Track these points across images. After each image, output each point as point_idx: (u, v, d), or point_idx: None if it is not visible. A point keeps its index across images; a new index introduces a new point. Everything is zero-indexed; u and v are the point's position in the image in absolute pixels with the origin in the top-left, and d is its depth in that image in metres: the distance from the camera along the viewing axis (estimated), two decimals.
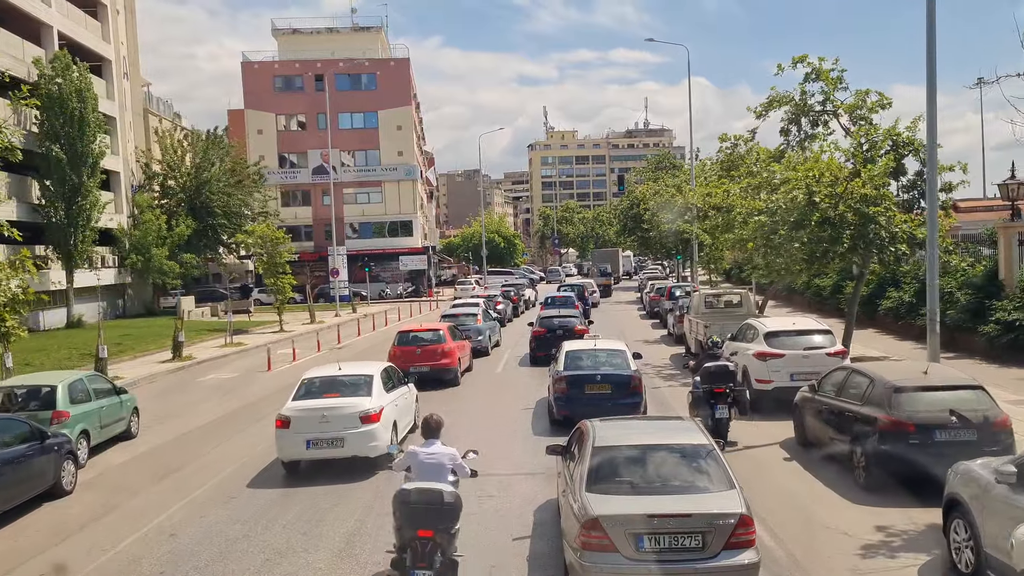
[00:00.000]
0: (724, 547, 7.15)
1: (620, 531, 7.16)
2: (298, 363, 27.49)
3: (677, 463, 8.07)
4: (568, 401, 15.05)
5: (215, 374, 25.64)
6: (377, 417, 12.70)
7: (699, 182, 43.13)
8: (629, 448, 8.22)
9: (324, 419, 12.45)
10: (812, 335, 16.06)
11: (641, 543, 7.16)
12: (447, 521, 7.68)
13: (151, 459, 14.83)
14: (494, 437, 14.61)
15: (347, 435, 12.39)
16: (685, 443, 8.30)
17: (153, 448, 15.72)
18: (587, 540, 7.23)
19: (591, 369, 15.60)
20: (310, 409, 12.62)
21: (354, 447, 12.46)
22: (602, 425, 8.94)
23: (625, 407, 14.25)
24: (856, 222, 19.05)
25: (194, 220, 47.13)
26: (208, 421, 18.00)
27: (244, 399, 20.72)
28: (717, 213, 28.36)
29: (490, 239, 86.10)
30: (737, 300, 23.89)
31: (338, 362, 14.84)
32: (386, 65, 69.76)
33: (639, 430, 9.42)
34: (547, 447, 10.07)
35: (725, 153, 28.83)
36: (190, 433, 16.79)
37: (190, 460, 14.40)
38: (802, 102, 21.69)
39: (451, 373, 20.53)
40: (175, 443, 15.99)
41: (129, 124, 49.98)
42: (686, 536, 7.17)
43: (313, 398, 13.06)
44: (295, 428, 12.48)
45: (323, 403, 12.80)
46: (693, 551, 7.16)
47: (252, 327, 39.83)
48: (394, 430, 13.29)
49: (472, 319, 27.49)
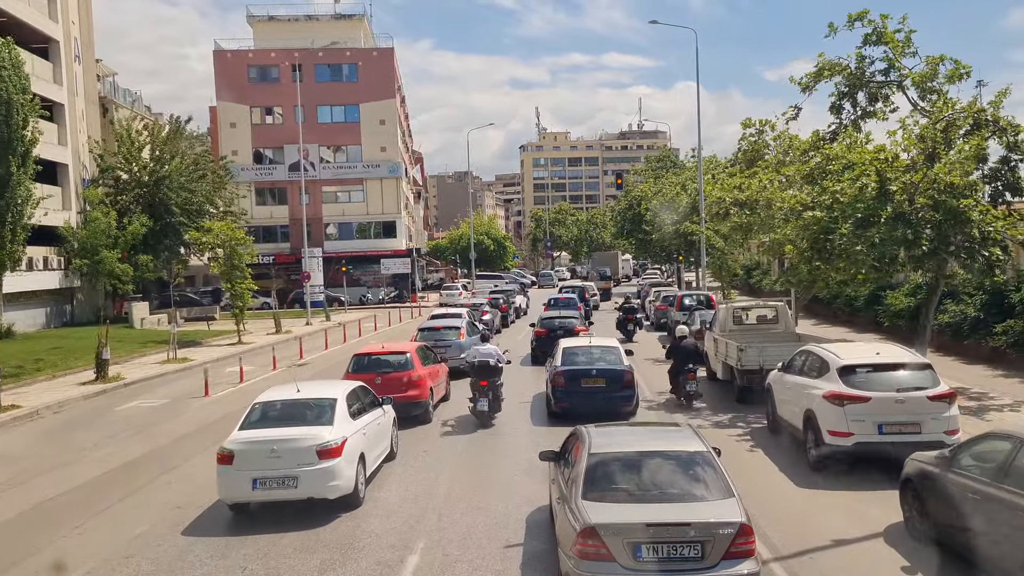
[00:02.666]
0: (724, 557, 6.95)
1: (618, 540, 7.01)
2: (245, 385, 23.20)
3: (674, 470, 7.89)
4: (565, 394, 15.96)
5: (140, 400, 21.19)
6: (338, 451, 10.70)
7: (707, 180, 39.16)
8: (625, 455, 8.09)
9: (274, 453, 10.52)
10: (905, 370, 11.73)
11: (639, 552, 7.00)
12: (494, 376, 16.02)
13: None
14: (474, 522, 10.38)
15: (301, 473, 10.48)
16: (682, 450, 8.12)
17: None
18: (584, 549, 7.07)
19: (586, 364, 16.42)
20: (258, 441, 10.72)
21: (310, 487, 10.51)
22: (597, 431, 8.78)
23: (619, 400, 15.71)
24: (938, 219, 14.85)
25: (150, 218, 42.53)
26: (89, 479, 13.50)
27: (157, 440, 16.32)
28: (740, 210, 24.12)
29: (479, 241, 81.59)
30: (772, 315, 19.62)
31: (296, 382, 12.62)
32: (368, 55, 65.37)
33: (635, 436, 9.23)
34: (540, 453, 9.75)
35: (749, 141, 24.81)
36: (54, 502, 12.24)
37: (15, 559, 10.01)
38: (859, 71, 17.50)
39: (420, 408, 16.22)
40: (20, 523, 11.43)
41: (81, 112, 45.40)
42: (685, 545, 6.99)
43: (264, 427, 11.13)
44: (240, 464, 10.51)
45: (274, 434, 10.86)
46: (692, 561, 6.97)
47: (209, 338, 35.36)
48: (361, 463, 11.32)
49: (453, 333, 23.24)
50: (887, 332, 26.59)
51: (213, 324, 40.51)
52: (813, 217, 15.67)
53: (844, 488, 11.10)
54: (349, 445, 10.98)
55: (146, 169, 43.83)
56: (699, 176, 38.55)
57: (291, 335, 36.81)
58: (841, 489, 11.09)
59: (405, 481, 12.40)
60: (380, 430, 12.88)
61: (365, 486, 11.66)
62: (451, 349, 22.24)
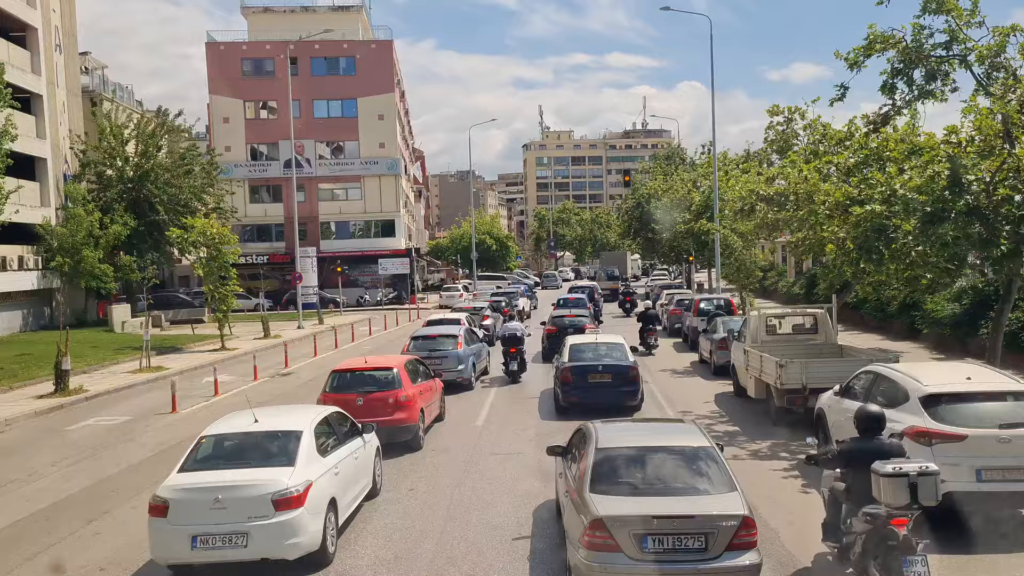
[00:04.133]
0: (727, 548, 7.09)
1: (624, 532, 7.14)
2: (222, 398, 21.01)
3: (679, 465, 7.98)
4: (573, 389, 16.39)
5: (98, 417, 18.91)
6: (299, 500, 8.60)
7: (721, 176, 36.86)
8: (631, 450, 8.21)
9: (219, 503, 8.44)
10: (1008, 401, 9.43)
11: (645, 544, 7.14)
12: (520, 344, 21.15)
13: None
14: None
15: (253, 528, 8.40)
16: (686, 445, 8.23)
17: None
18: (592, 540, 7.19)
19: (593, 360, 16.85)
20: (199, 488, 8.61)
21: (264, 545, 8.44)
22: (604, 427, 8.90)
23: (624, 394, 16.19)
24: (1019, 214, 12.54)
25: (134, 216, 40.23)
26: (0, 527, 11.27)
27: (103, 469, 14.05)
28: (768, 206, 21.81)
29: (481, 241, 79.26)
30: (810, 324, 17.25)
31: (254, 409, 10.33)
32: (367, 47, 63.06)
33: (641, 432, 9.40)
34: (547, 448, 9.95)
35: (777, 130, 22.57)
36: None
37: None
38: (916, 44, 15.18)
39: (408, 433, 13.92)
40: None
41: (62, 104, 43.18)
42: (689, 537, 7.13)
43: (209, 468, 9.05)
44: (177, 516, 8.45)
45: (220, 478, 8.75)
46: (696, 552, 7.11)
47: (192, 343, 33.10)
48: (332, 511, 9.21)
49: (450, 343, 20.90)
50: (927, 341, 24.29)
51: (199, 328, 38.20)
52: (868, 212, 13.31)
53: (935, 549, 8.81)
54: (315, 491, 8.91)
55: (130, 164, 41.52)
56: (714, 172, 36.20)
57: (280, 340, 34.55)
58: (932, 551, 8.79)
59: (386, 531, 10.13)
60: (359, 465, 10.72)
61: (337, 537, 9.46)
62: (447, 361, 19.97)
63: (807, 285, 37.19)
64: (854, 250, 14.57)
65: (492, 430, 15.79)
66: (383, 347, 31.02)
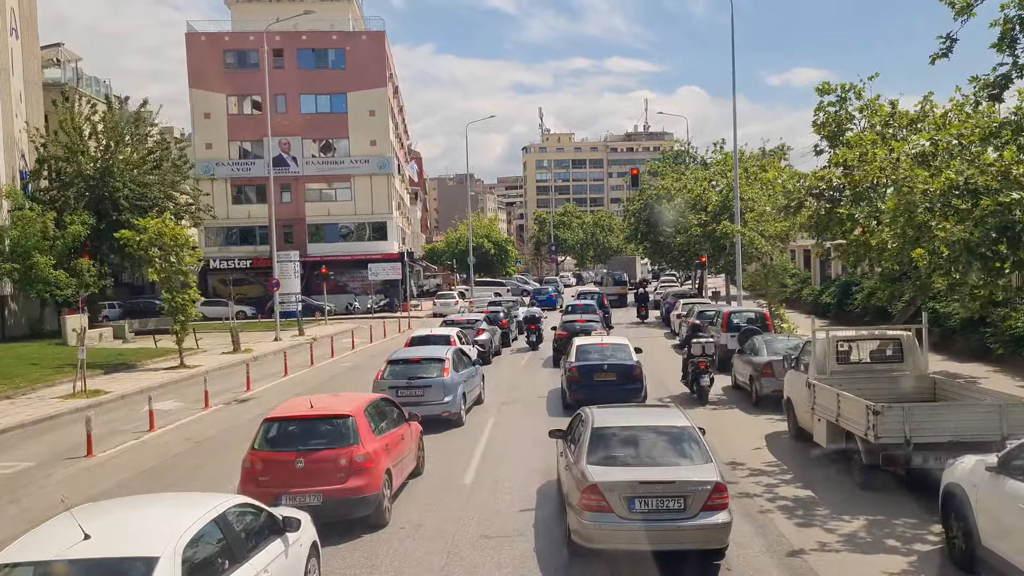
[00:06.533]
0: (702, 509, 8.21)
1: (615, 495, 8.27)
2: (157, 434, 17.31)
3: (663, 442, 9.15)
4: (580, 387, 17.36)
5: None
6: None
7: (742, 174, 33.23)
8: (622, 429, 9.41)
9: None
10: None
11: (632, 505, 8.26)
12: (538, 323, 30.47)
13: None
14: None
15: None
16: (671, 425, 9.45)
17: None
18: (588, 503, 8.33)
19: (598, 360, 17.89)
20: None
21: None
22: (600, 411, 10.09)
23: (628, 392, 16.93)
24: None
25: (95, 216, 36.37)
26: None
27: None
28: (816, 201, 18.07)
29: (479, 244, 75.43)
30: (894, 350, 13.40)
31: (102, 503, 7.39)
32: (357, 39, 59.32)
33: (631, 415, 10.50)
34: (550, 431, 11.16)
35: (828, 112, 19.00)
36: None
37: None
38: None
39: (367, 505, 10.08)
40: None
41: (19, 95, 39.45)
42: (670, 499, 8.26)
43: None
44: None
45: None
46: (676, 512, 8.24)
47: (148, 359, 29.27)
48: None
49: (436, 369, 16.96)
50: (1005, 364, 20.51)
51: (164, 340, 34.30)
52: (1006, 203, 9.50)
53: None
54: None
55: (90, 158, 37.67)
56: (735, 170, 32.45)
57: (250, 355, 30.74)
58: None
59: None
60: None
61: None
62: (431, 391, 16.20)
63: (839, 294, 33.35)
64: (965, 253, 10.82)
65: (485, 490, 11.98)
66: (363, 364, 27.22)
